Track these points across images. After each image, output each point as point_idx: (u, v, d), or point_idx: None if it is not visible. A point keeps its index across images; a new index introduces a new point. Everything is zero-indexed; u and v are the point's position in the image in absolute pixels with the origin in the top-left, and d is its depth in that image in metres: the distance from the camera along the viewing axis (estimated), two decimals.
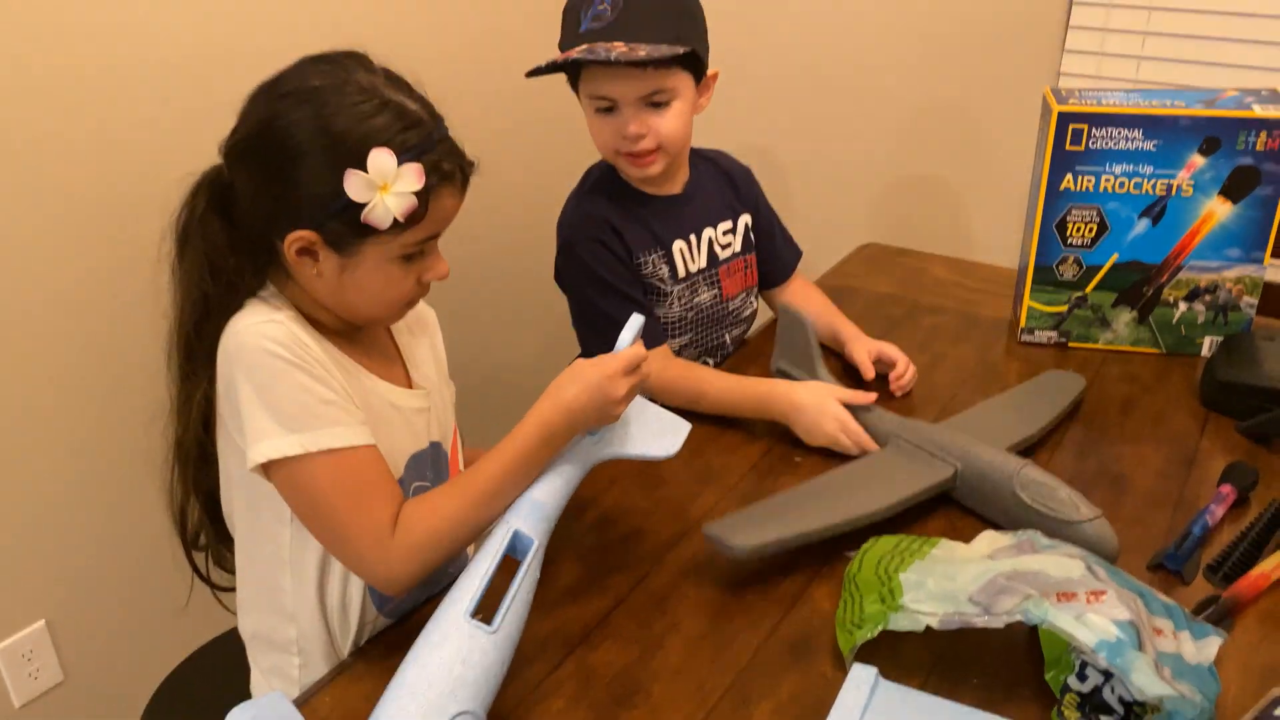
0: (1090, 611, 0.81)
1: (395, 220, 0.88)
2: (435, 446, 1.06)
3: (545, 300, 1.55)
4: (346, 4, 1.66)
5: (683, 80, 1.27)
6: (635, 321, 0.98)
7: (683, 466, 1.20)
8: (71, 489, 1.47)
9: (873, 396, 1.23)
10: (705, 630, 0.95)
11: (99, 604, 1.55)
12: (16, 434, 1.39)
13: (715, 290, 1.43)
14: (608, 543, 1.08)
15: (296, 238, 0.89)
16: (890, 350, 1.36)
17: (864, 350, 1.37)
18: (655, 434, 1.01)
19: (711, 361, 1.46)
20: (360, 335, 1.01)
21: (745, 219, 1.46)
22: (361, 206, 0.87)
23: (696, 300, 1.41)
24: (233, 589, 1.07)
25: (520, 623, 0.85)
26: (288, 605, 1.00)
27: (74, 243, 1.37)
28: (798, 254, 1.55)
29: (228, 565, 1.06)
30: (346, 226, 0.89)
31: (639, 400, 1.02)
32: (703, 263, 1.41)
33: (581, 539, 1.09)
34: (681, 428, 1.03)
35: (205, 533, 1.04)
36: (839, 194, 2.21)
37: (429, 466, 1.05)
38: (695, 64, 1.28)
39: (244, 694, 1.10)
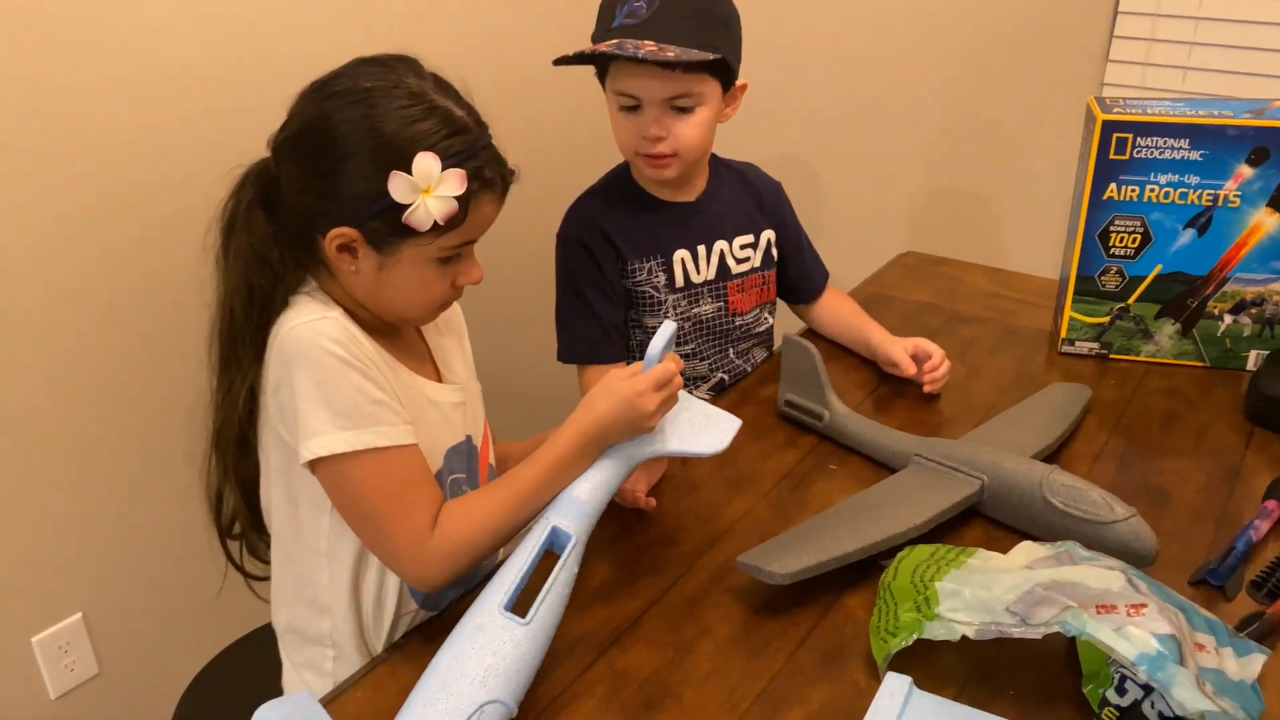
0: (1131, 624, 0.80)
1: (435, 223, 0.89)
2: (469, 440, 1.07)
3: None
4: (387, 3, 1.68)
5: (710, 87, 1.27)
6: (666, 329, 0.97)
7: (715, 472, 1.20)
8: (108, 484, 1.49)
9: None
10: (737, 635, 0.95)
11: (135, 597, 1.56)
12: (54, 428, 1.41)
13: (721, 303, 1.41)
14: (640, 546, 1.08)
15: (338, 234, 0.91)
16: (925, 344, 1.35)
17: (899, 348, 1.36)
18: (701, 430, 1.01)
19: (726, 379, 1.45)
20: (396, 334, 1.02)
21: (768, 235, 1.45)
22: (403, 208, 0.88)
23: (696, 312, 1.40)
24: (266, 578, 1.08)
25: (555, 617, 0.86)
26: (322, 598, 1.00)
27: (115, 234, 1.39)
28: (825, 273, 1.54)
29: (261, 554, 1.07)
30: (387, 226, 0.90)
31: (684, 396, 1.02)
32: (710, 275, 1.40)
33: (614, 542, 1.08)
34: (731, 423, 1.01)
35: (240, 520, 1.04)
36: (877, 203, 2.20)
37: (464, 459, 1.06)
38: (724, 72, 1.27)
39: (276, 689, 1.11)
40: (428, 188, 0.89)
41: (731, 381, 1.44)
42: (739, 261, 1.42)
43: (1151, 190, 1.33)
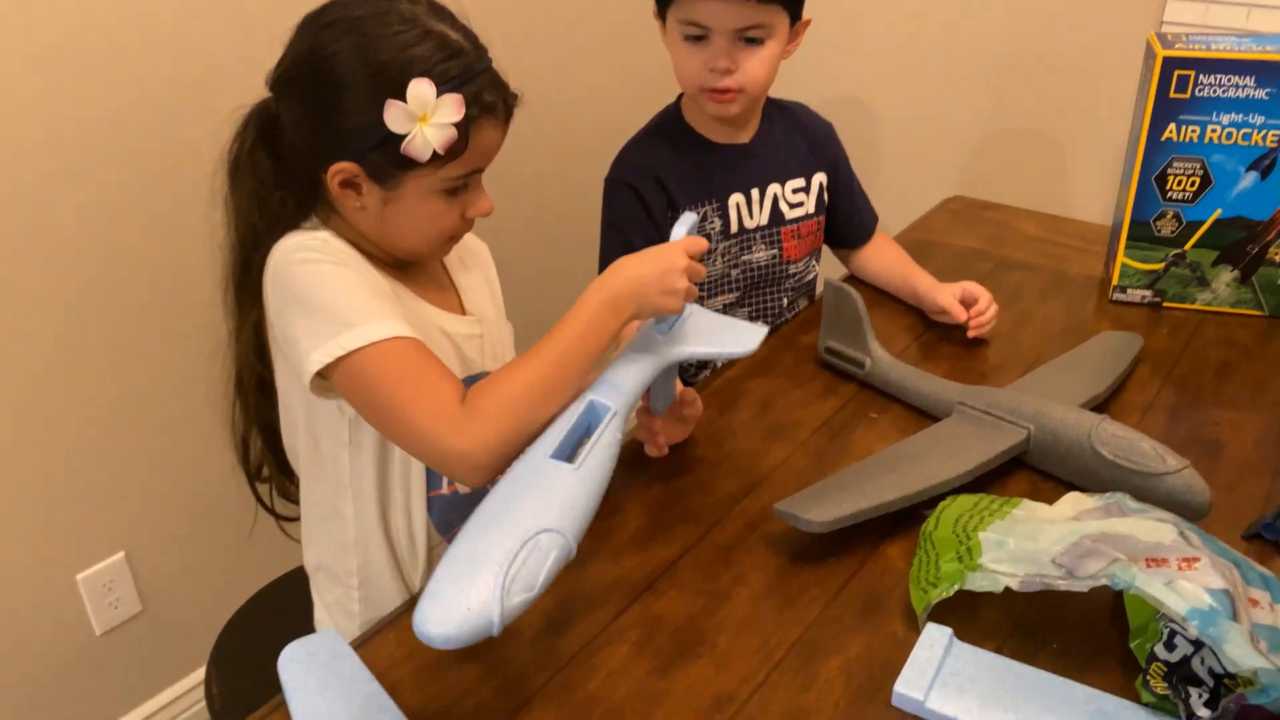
0: (1182, 578, 0.77)
1: (435, 153, 0.87)
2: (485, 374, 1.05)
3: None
4: None
5: (780, 20, 1.22)
6: (688, 219, 0.93)
7: (753, 420, 1.18)
8: (148, 427, 1.50)
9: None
10: (772, 584, 0.93)
11: (174, 538, 1.58)
12: (93, 373, 1.42)
13: (775, 250, 1.37)
14: (675, 493, 1.06)
15: (339, 169, 0.89)
16: (973, 288, 1.31)
17: (947, 293, 1.32)
18: (727, 333, 0.97)
19: (767, 328, 1.41)
20: (411, 267, 1.01)
21: (820, 178, 1.40)
22: (402, 138, 0.86)
23: (747, 259, 1.36)
24: (296, 519, 1.08)
25: (604, 473, 0.79)
26: (349, 534, 1.00)
27: (137, 179, 1.39)
28: (874, 218, 1.49)
29: (291, 496, 1.07)
30: (387, 158, 0.88)
31: (700, 310, 0.99)
32: (763, 220, 1.36)
33: (647, 488, 1.07)
34: (756, 328, 0.98)
35: (268, 464, 1.04)
36: (927, 146, 2.14)
37: None
38: (794, 4, 1.22)
39: (310, 628, 1.11)
40: (424, 115, 0.86)
41: (772, 330, 1.41)
42: (792, 206, 1.38)
43: (1213, 131, 1.28)
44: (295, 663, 0.83)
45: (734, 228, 1.33)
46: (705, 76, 1.23)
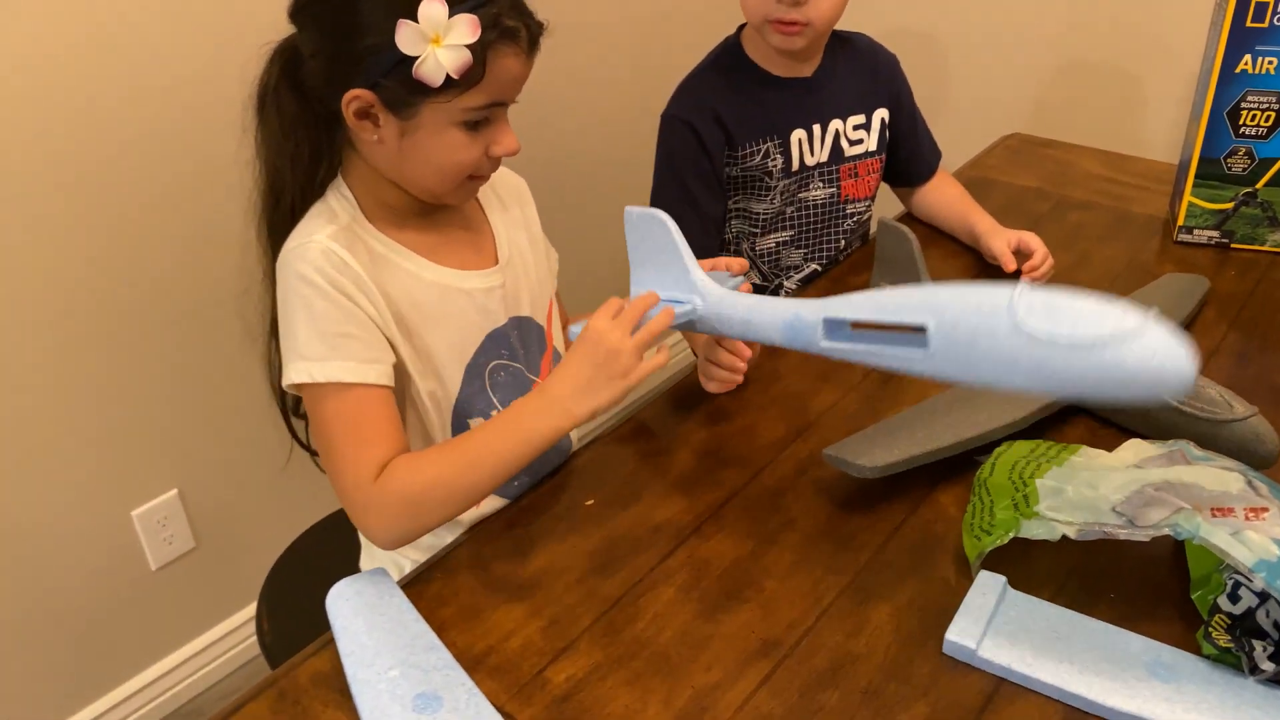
0: (1249, 529, 0.74)
1: (450, 78, 0.83)
2: (520, 321, 1.03)
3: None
4: None
5: None
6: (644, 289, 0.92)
7: (802, 363, 1.15)
8: (200, 367, 1.51)
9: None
10: (822, 529, 0.92)
11: (227, 475, 1.61)
12: (144, 314, 1.43)
13: (833, 188, 1.34)
14: (722, 436, 1.05)
15: (353, 96, 0.86)
16: (1030, 239, 1.27)
17: (1002, 241, 1.28)
18: None
19: (819, 269, 1.38)
20: (439, 216, 0.98)
21: (882, 114, 1.35)
22: (414, 60, 0.83)
23: (804, 196, 1.32)
24: None
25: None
26: None
27: (167, 116, 1.38)
28: (938, 154, 1.45)
29: None
30: (401, 84, 0.84)
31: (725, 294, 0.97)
32: (824, 156, 1.32)
33: (694, 431, 1.05)
34: None
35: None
36: (989, 80, 2.08)
37: (510, 342, 1.02)
38: None
39: (357, 564, 1.12)
40: (436, 36, 0.82)
41: (824, 271, 1.38)
42: (852, 144, 1.34)
43: None
44: (343, 601, 0.83)
45: (795, 165, 1.30)
46: (773, 7, 1.19)
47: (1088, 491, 0.82)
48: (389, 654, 0.77)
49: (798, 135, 1.29)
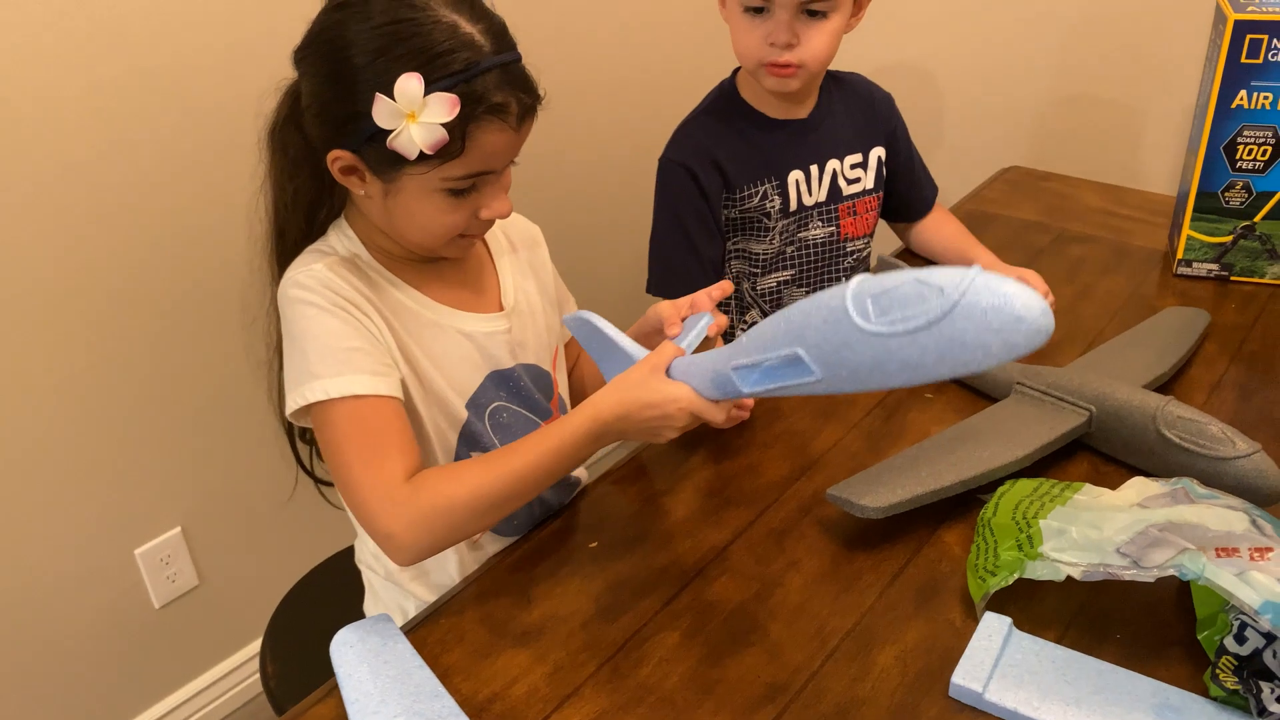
0: (1254, 569, 0.74)
1: (424, 152, 0.82)
2: (529, 368, 1.03)
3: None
4: None
5: None
6: (697, 324, 0.89)
7: (804, 401, 1.16)
8: (206, 404, 1.51)
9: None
10: (826, 570, 0.92)
11: (231, 512, 1.60)
12: (148, 350, 1.44)
13: (832, 227, 1.35)
14: (725, 476, 1.05)
15: (336, 156, 0.86)
16: (1031, 277, 1.27)
17: (1014, 270, 1.28)
18: None
19: None
20: (441, 262, 0.98)
21: (879, 152, 1.36)
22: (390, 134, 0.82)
23: (804, 235, 1.33)
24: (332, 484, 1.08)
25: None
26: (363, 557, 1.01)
27: (178, 148, 1.39)
28: (934, 189, 1.45)
29: None
30: (380, 152, 0.83)
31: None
32: (822, 196, 1.33)
33: (697, 471, 1.06)
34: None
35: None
36: (986, 114, 2.09)
37: (516, 386, 1.02)
38: None
39: (361, 606, 1.12)
40: (412, 113, 0.81)
41: None
42: (850, 182, 1.34)
43: None
44: (347, 648, 0.83)
45: (793, 205, 1.31)
46: (765, 51, 1.20)
47: (1092, 532, 0.82)
48: (394, 702, 0.77)
49: (795, 176, 1.30)
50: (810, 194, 1.31)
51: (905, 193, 1.42)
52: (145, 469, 1.49)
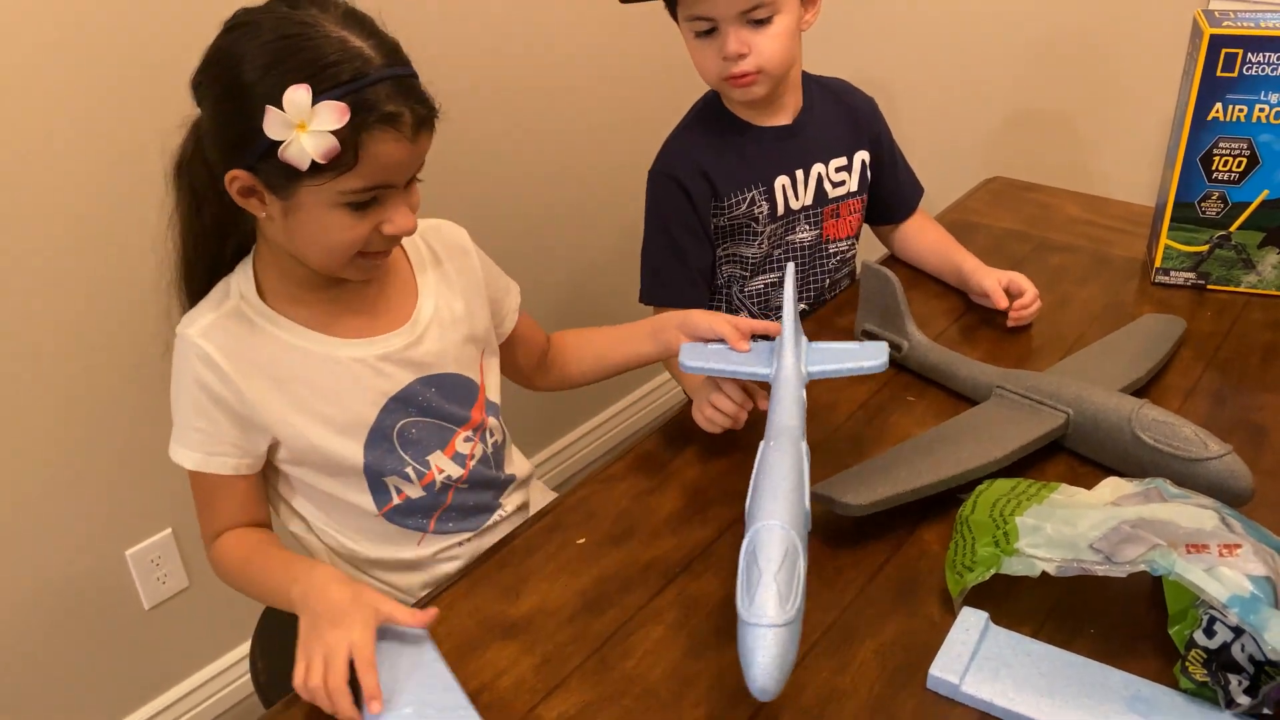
0: (1223, 565, 0.76)
1: (317, 162, 0.82)
2: (434, 379, 1.03)
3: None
4: None
5: None
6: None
7: None
8: None
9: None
10: (809, 566, 0.93)
11: None
12: (139, 353, 1.45)
13: (817, 230, 1.37)
14: (711, 474, 1.07)
15: (233, 176, 0.86)
16: (1020, 280, 1.29)
17: (993, 279, 1.30)
18: (859, 352, 1.01)
19: (807, 308, 1.41)
20: (347, 285, 0.98)
21: (862, 156, 1.39)
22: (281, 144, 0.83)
23: (791, 238, 1.36)
24: None
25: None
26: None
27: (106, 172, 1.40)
28: (919, 191, 1.48)
29: None
30: (275, 167, 0.84)
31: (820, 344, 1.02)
32: (808, 200, 1.35)
33: (684, 469, 1.08)
34: (881, 347, 1.01)
35: None
36: (964, 125, 2.12)
37: (419, 400, 1.02)
38: None
39: None
40: (301, 123, 0.81)
41: (810, 311, 1.41)
42: (835, 185, 1.37)
43: (1261, 110, 1.25)
44: None
45: (780, 210, 1.33)
46: (722, 66, 1.23)
47: (1066, 529, 0.84)
48: (407, 692, 0.79)
49: (781, 181, 1.32)
50: (797, 198, 1.34)
51: (888, 196, 1.44)
52: (136, 471, 1.49)
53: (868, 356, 0.99)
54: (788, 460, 0.84)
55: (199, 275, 0.98)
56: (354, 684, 0.78)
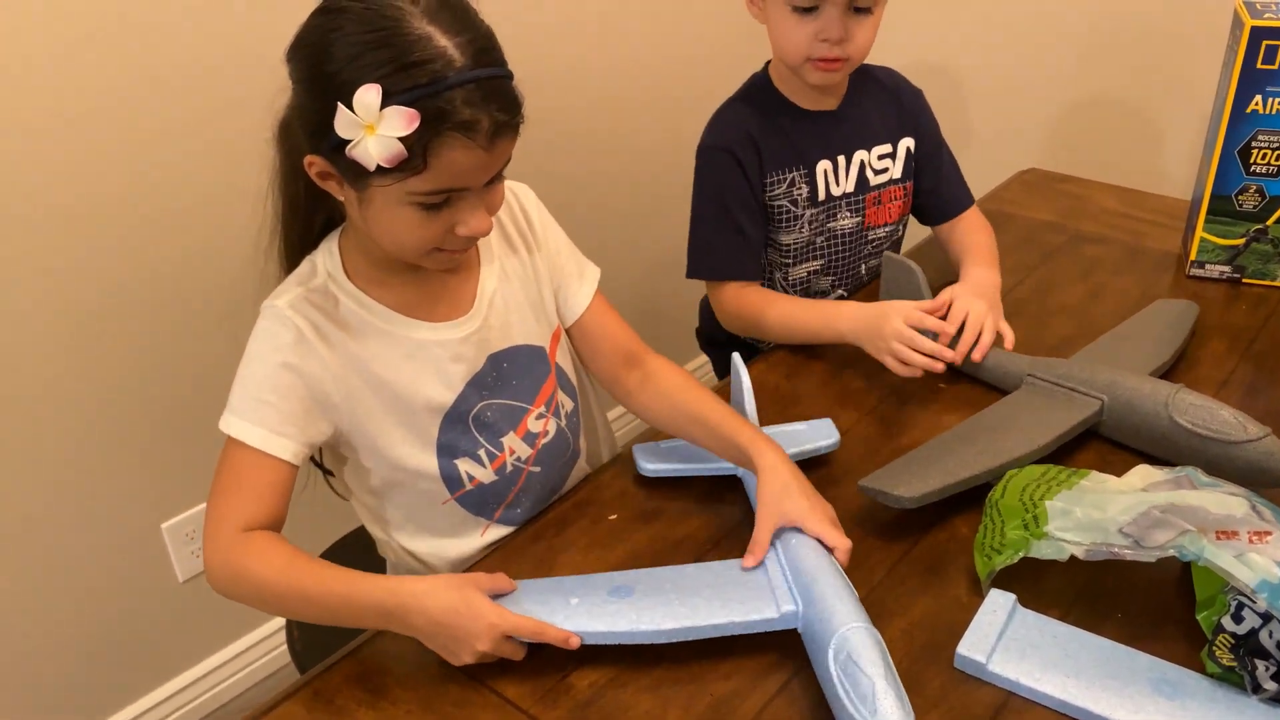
0: (1252, 551, 0.77)
1: (382, 165, 0.80)
2: (501, 354, 1.01)
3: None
4: None
5: None
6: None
7: (820, 388, 1.19)
8: (230, 378, 1.55)
9: (947, 328, 1.14)
10: None
11: None
12: (178, 330, 1.47)
13: (859, 217, 1.38)
14: None
15: (310, 161, 0.86)
16: (959, 309, 1.17)
17: (949, 293, 1.21)
18: (809, 433, 1.07)
19: (845, 293, 1.41)
20: (424, 271, 0.96)
21: (907, 143, 1.38)
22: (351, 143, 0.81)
23: (832, 225, 1.36)
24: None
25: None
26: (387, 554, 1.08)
27: (194, 154, 1.42)
28: (963, 195, 1.42)
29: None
30: (348, 161, 0.81)
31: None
32: (849, 186, 1.35)
33: None
34: (828, 423, 1.08)
35: None
36: (1005, 116, 2.11)
37: (488, 381, 1.01)
38: None
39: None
40: (370, 125, 0.79)
41: (848, 296, 1.41)
42: (877, 173, 1.37)
43: None
44: None
45: (821, 195, 1.34)
46: (815, 46, 1.22)
47: (1095, 513, 0.85)
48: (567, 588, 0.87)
49: (823, 166, 1.32)
50: (838, 184, 1.34)
51: (929, 192, 1.42)
52: (172, 446, 1.52)
53: (821, 437, 1.06)
54: (815, 553, 0.86)
55: (293, 242, 0.97)
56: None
